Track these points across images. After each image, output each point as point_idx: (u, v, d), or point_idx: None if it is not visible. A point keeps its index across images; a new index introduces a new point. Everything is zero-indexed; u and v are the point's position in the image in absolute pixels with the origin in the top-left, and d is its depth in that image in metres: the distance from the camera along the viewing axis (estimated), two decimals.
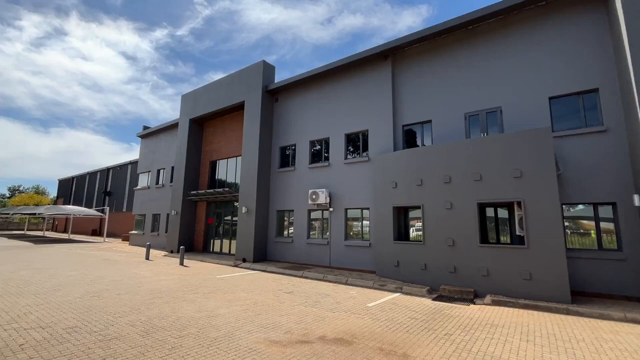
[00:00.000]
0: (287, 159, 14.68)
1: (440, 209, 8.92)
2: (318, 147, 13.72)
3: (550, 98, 8.81)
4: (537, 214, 7.49)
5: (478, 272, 8.06)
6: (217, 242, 16.97)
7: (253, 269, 12.19)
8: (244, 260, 13.54)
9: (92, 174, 38.18)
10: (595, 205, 8.00)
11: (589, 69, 8.37)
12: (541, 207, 7.45)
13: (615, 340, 5.00)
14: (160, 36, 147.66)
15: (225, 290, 8.31)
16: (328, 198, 12.29)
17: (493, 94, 9.66)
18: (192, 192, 17.02)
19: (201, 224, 17.73)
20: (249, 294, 7.95)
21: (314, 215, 13.22)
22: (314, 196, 12.35)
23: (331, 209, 12.38)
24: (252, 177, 14.19)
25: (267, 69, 15.24)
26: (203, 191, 16.35)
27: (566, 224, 8.33)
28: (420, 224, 9.61)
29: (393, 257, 9.76)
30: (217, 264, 13.56)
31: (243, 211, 14.07)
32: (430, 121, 10.80)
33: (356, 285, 9.32)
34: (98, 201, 35.59)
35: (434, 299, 7.75)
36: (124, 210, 30.58)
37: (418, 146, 11.00)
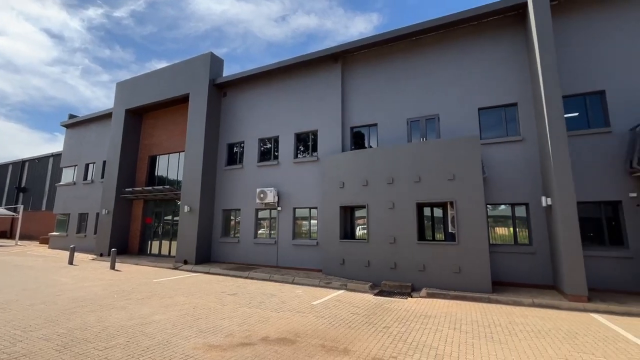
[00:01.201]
0: (235, 156, 14.21)
1: (383, 208, 9.37)
2: (267, 145, 13.51)
3: (479, 109, 9.78)
4: (466, 213, 8.27)
5: (415, 268, 8.64)
6: (156, 244, 15.78)
7: (195, 271, 11.57)
8: (186, 262, 12.79)
9: (2, 167, 32.89)
10: (513, 206, 9.10)
11: (510, 85, 9.47)
12: (469, 207, 8.25)
13: (524, 323, 5.73)
14: (94, 15, 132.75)
15: (162, 294, 7.76)
16: (276, 197, 12.17)
17: (432, 102, 10.43)
18: (127, 190, 15.58)
19: (137, 224, 16.32)
20: (189, 297, 7.52)
21: (261, 214, 12.99)
22: (262, 195, 12.13)
23: (279, 208, 12.28)
24: (197, 174, 13.46)
25: (215, 62, 14.58)
26: (140, 188, 15.07)
27: (490, 221, 9.33)
28: (365, 223, 10.00)
29: (339, 255, 10.01)
30: (155, 267, 12.61)
31: (185, 210, 13.28)
32: (376, 124, 11.29)
33: (303, 284, 9.37)
34: (9, 198, 30.77)
35: (376, 294, 8.12)
36: (43, 209, 26.85)
37: (365, 148, 11.43)
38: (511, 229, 9.14)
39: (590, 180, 8.16)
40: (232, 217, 13.78)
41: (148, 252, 15.87)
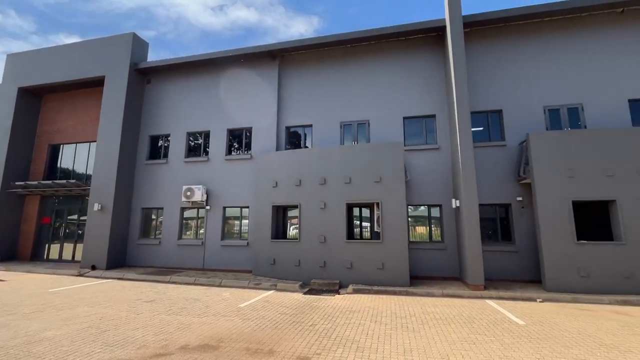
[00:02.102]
0: (158, 150, 13.00)
1: (315, 208, 9.55)
2: (197, 140, 12.68)
3: (404, 118, 10.64)
4: (390, 213, 8.90)
5: (344, 265, 8.99)
6: (56, 248, 13.54)
7: (105, 278, 10.25)
8: (94, 268, 11.24)
9: None
10: (429, 207, 10.11)
11: (431, 98, 10.51)
12: (393, 208, 8.90)
13: (435, 312, 6.40)
14: None
15: (59, 306, 6.68)
16: (205, 195, 11.49)
17: (363, 108, 11.00)
18: (17, 184, 13.08)
19: (31, 225, 13.79)
20: (94, 308, 6.62)
21: (188, 214, 12.12)
22: (188, 193, 11.32)
23: (208, 207, 11.61)
24: (111, 168, 11.94)
25: (138, 44, 13.16)
26: (36, 182, 12.80)
27: (410, 221, 10.22)
28: (297, 222, 10.06)
29: (270, 255, 9.88)
30: (54, 274, 10.81)
31: (96, 208, 11.67)
32: (311, 125, 11.46)
33: (230, 287, 9.01)
34: None
35: (305, 293, 8.22)
36: None
37: (300, 148, 11.51)
38: (427, 227, 10.14)
39: (489, 185, 9.51)
40: (153, 217, 12.57)
41: (45, 257, 13.52)
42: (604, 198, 7.91)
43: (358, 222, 11.00)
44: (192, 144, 12.72)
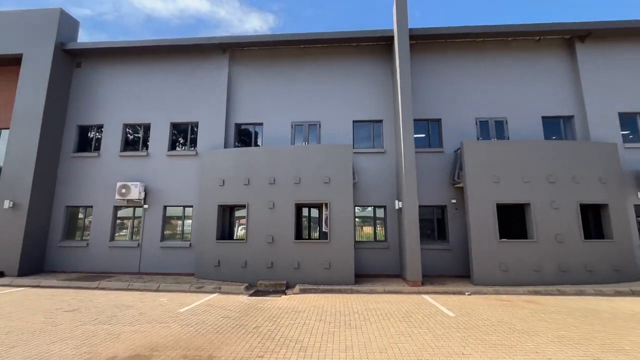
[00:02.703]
0: (89, 141, 11.71)
1: (264, 208, 9.39)
2: (136, 133, 11.67)
3: (354, 121, 10.99)
4: (337, 214, 9.11)
5: (291, 266, 8.98)
6: None
7: (17, 286, 8.92)
8: (2, 275, 9.72)
9: None
10: (374, 208, 10.57)
11: (379, 104, 11.00)
12: (341, 208, 9.13)
13: (376, 308, 6.69)
14: None
15: None
16: (143, 193, 10.62)
17: (315, 110, 11.11)
18: None
19: None
20: (1, 320, 5.71)
21: (123, 213, 11.09)
22: (123, 190, 10.37)
23: (146, 206, 10.75)
24: (28, 160, 10.44)
25: (67, 22, 11.72)
26: None
27: (357, 221, 10.57)
28: (245, 222, 9.79)
29: (214, 256, 9.47)
30: None
31: (6, 206, 10.10)
32: (262, 124, 11.26)
33: (169, 291, 8.44)
34: None
35: (251, 295, 8.03)
36: None
37: (250, 146, 11.23)
38: (372, 228, 10.58)
39: (428, 188, 10.23)
40: (80, 216, 11.27)
41: None
42: (521, 201, 9.02)
43: (307, 223, 11.07)
44: (131, 137, 11.68)
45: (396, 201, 9.81)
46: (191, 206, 10.76)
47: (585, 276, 8.59)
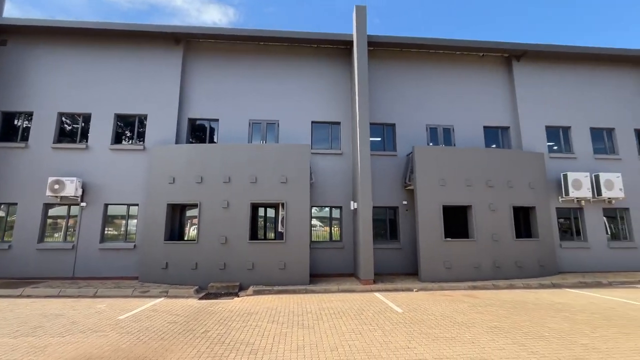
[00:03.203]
0: (14, 130, 10.36)
1: (217, 207, 9.05)
2: (74, 123, 10.58)
3: (312, 122, 11.05)
4: (294, 214, 9.09)
5: (245, 267, 8.77)
6: None
7: None
8: None
9: None
10: (331, 208, 10.74)
11: (338, 106, 11.19)
12: (297, 208, 9.12)
13: (330, 307, 6.79)
14: None
15: None
16: (80, 190, 9.65)
17: (274, 109, 10.98)
18: None
19: None
20: None
21: (55, 211, 9.98)
22: (56, 186, 9.33)
23: (84, 204, 9.79)
24: None
25: None
26: None
27: (314, 222, 10.64)
28: (197, 222, 9.36)
29: (162, 258, 8.92)
30: None
31: None
32: (217, 120, 10.85)
33: (109, 297, 7.77)
34: None
35: (201, 298, 7.70)
36: None
37: (204, 142, 10.77)
38: (328, 228, 10.73)
39: (382, 190, 10.64)
40: (1, 214, 9.91)
41: None
42: (464, 203, 9.76)
43: (263, 223, 10.89)
44: (68, 127, 10.56)
45: (352, 202, 10.06)
46: (137, 204, 10.01)
47: (516, 271, 9.55)
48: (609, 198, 10.96)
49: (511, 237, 9.73)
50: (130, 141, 10.65)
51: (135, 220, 10.00)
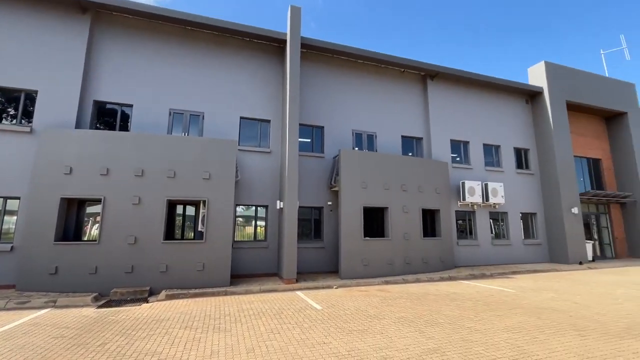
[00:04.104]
0: None
1: (126, 203, 8.08)
2: None
3: (241, 117, 10.69)
4: (216, 212, 8.65)
5: (157, 269, 8.01)
6: None
7: None
8: None
9: None
10: (257, 207, 10.53)
11: (268, 103, 11.04)
12: (220, 207, 8.70)
13: (250, 308, 6.65)
14: None
15: None
16: None
17: (199, 99, 10.29)
18: None
19: None
20: None
21: None
22: None
23: None
24: None
25: None
26: None
27: (238, 220, 10.30)
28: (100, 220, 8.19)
29: (50, 262, 7.56)
30: None
31: None
32: (132, 105, 9.70)
33: None
34: None
35: (100, 306, 6.76)
36: None
37: (115, 129, 9.50)
38: (253, 227, 10.51)
39: (308, 190, 10.87)
40: None
41: None
42: (382, 205, 10.58)
43: (181, 222, 10.11)
44: None
45: (278, 201, 10.02)
46: (18, 198, 8.31)
47: (422, 266, 10.74)
48: (494, 203, 13.14)
49: (420, 236, 10.90)
50: (13, 121, 8.79)
51: (15, 217, 8.28)
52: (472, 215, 13.25)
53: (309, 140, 11.59)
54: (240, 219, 10.63)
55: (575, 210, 13.87)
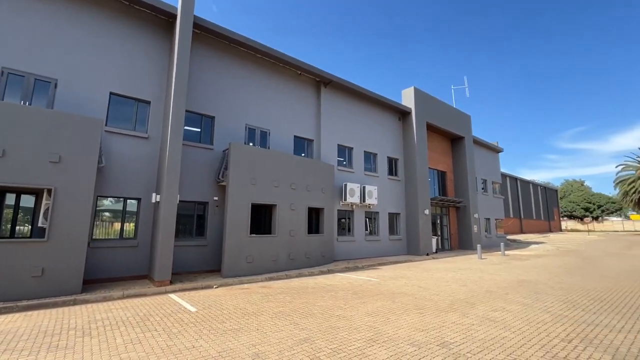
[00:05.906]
0: None
1: None
2: None
3: (111, 93, 9.04)
4: (68, 205, 7.05)
5: None
6: None
7: None
8: None
9: None
10: (126, 200, 9.10)
11: (149, 82, 9.67)
12: (74, 198, 7.14)
13: (106, 317, 5.66)
14: None
15: None
16: None
17: (56, 60, 8.23)
18: None
19: None
20: None
21: None
22: None
23: None
24: None
25: None
26: None
27: (103, 215, 8.66)
28: None
29: None
30: None
31: None
32: None
33: None
34: None
35: None
36: None
37: None
38: (119, 223, 9.03)
39: (192, 184, 10.03)
40: None
41: None
42: (271, 202, 10.67)
43: (12, 215, 7.84)
44: None
45: (154, 194, 8.89)
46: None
47: (305, 262, 11.31)
48: (369, 204, 14.94)
49: (304, 232, 11.45)
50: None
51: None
52: (352, 214, 14.73)
53: (198, 130, 10.71)
54: (107, 214, 8.99)
55: (427, 211, 17.07)
